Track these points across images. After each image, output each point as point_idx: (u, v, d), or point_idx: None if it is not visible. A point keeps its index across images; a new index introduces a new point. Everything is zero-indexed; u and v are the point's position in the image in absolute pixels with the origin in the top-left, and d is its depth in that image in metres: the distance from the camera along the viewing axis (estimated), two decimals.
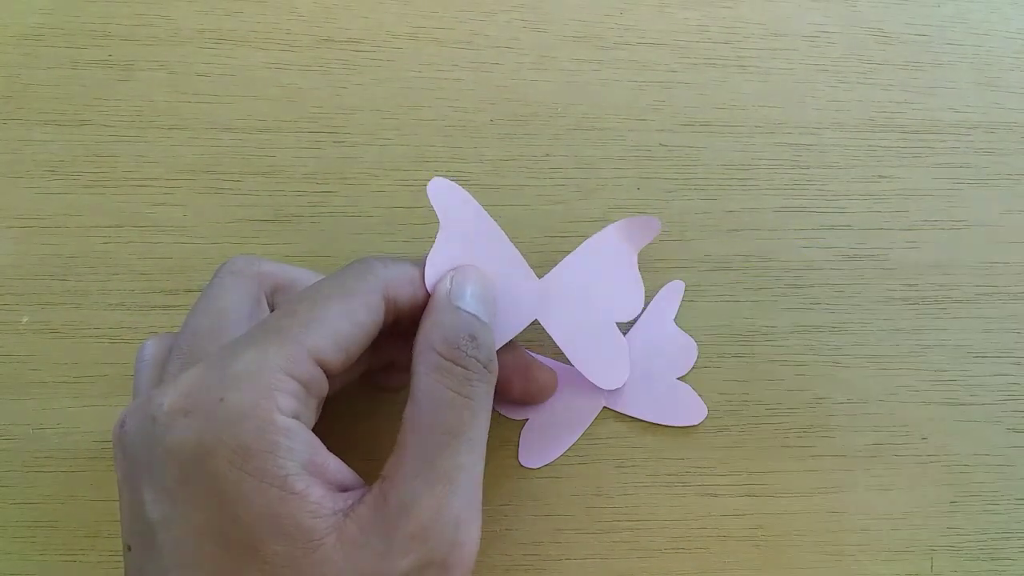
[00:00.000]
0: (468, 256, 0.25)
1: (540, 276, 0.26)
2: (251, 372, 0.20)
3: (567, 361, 0.27)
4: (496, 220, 0.25)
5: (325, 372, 0.21)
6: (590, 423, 0.28)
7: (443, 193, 0.25)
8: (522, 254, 0.26)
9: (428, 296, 0.24)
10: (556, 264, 0.27)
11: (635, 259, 0.27)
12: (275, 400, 0.20)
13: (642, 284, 0.27)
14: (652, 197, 0.31)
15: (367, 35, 0.32)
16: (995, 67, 0.34)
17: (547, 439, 0.28)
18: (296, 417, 0.20)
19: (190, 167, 0.30)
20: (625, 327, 0.29)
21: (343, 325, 0.22)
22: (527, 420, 0.28)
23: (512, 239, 0.26)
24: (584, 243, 0.27)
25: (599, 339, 0.27)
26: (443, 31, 0.33)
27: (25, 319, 0.28)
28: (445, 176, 0.25)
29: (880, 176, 0.32)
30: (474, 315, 0.23)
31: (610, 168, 0.31)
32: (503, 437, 0.28)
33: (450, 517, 0.20)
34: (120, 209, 0.30)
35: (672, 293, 0.30)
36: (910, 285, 0.31)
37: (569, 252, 0.27)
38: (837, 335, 0.30)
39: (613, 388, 0.28)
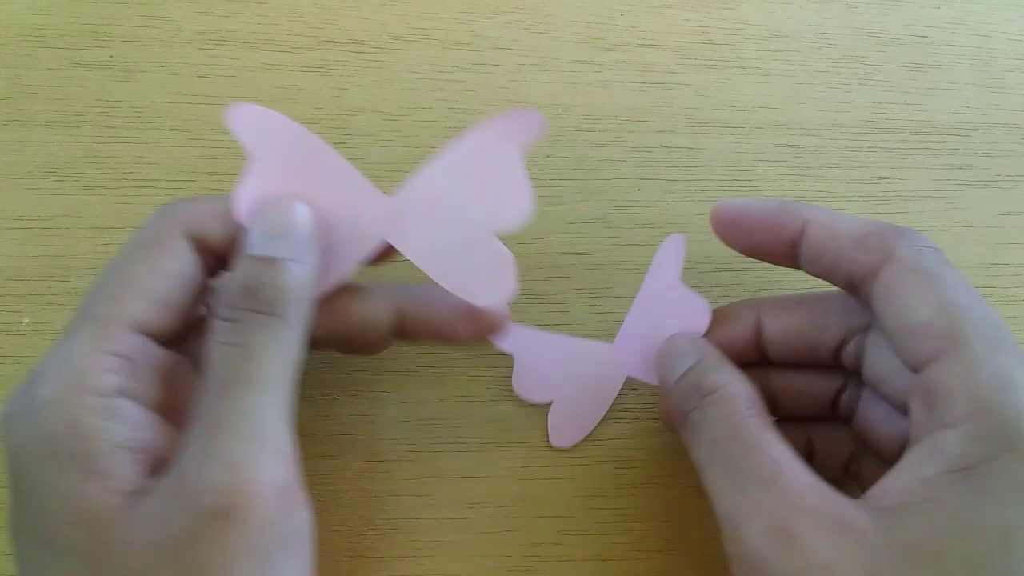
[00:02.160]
0: (286, 185, 0.22)
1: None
2: (58, 361, 0.20)
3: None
4: None
5: (156, 334, 0.21)
6: (616, 395, 0.28)
7: (249, 121, 0.22)
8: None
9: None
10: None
11: (519, 159, 0.23)
12: (87, 382, 0.20)
13: (529, 186, 0.23)
14: (652, 198, 0.31)
15: (368, 36, 0.32)
16: (995, 68, 0.34)
17: (575, 417, 0.27)
18: (123, 393, 0.20)
19: (191, 168, 0.30)
20: (630, 297, 0.28)
21: (151, 281, 0.21)
22: (552, 402, 0.27)
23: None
24: (450, 146, 0.23)
25: (474, 253, 0.24)
26: (444, 32, 0.33)
27: (26, 320, 0.28)
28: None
29: (880, 177, 0.32)
30: (266, 258, 0.21)
31: (610, 169, 0.31)
32: (503, 438, 0.28)
33: (221, 463, 0.19)
34: (121, 210, 0.30)
35: (670, 250, 0.27)
36: None
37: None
38: None
39: (494, 304, 0.25)
